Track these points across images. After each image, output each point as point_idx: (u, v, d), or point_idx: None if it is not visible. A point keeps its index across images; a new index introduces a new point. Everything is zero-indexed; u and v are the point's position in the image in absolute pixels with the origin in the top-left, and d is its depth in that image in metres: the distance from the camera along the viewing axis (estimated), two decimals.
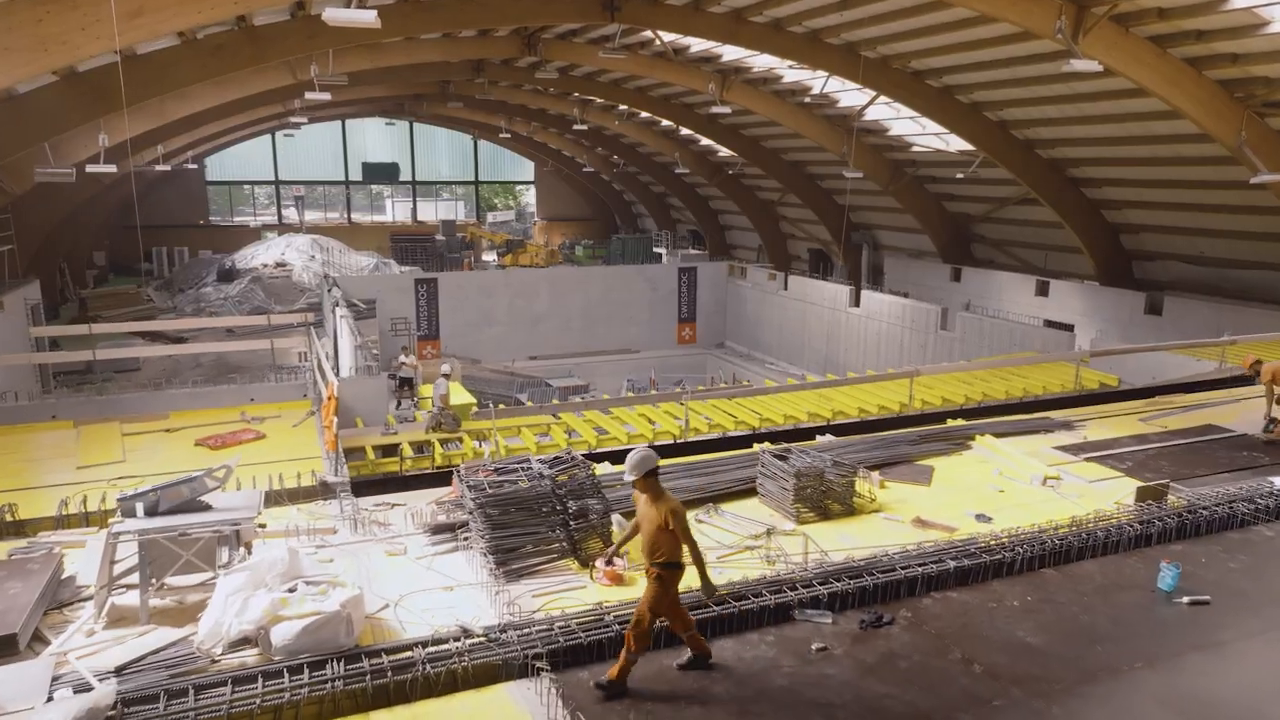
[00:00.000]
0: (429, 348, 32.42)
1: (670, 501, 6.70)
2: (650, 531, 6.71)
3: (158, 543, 7.27)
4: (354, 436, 14.75)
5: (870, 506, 10.02)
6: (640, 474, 6.77)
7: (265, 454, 12.99)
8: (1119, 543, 8.91)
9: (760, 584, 7.80)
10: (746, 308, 37.42)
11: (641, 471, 6.76)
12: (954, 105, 25.22)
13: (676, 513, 6.60)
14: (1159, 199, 24.70)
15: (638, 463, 6.78)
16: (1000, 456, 11.78)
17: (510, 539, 8.38)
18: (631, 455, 6.86)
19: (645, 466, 6.76)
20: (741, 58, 27.36)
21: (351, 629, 6.77)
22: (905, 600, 7.91)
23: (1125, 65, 18.04)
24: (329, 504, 10.10)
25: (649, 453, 6.89)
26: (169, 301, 46.47)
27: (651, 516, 6.72)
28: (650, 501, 6.79)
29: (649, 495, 6.80)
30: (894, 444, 11.96)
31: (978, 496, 10.48)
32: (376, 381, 16.06)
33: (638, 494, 6.92)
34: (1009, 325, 25.65)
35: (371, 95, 40.63)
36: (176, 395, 15.75)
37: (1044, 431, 12.94)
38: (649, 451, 6.94)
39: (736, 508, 10.04)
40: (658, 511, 6.67)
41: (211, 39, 18.30)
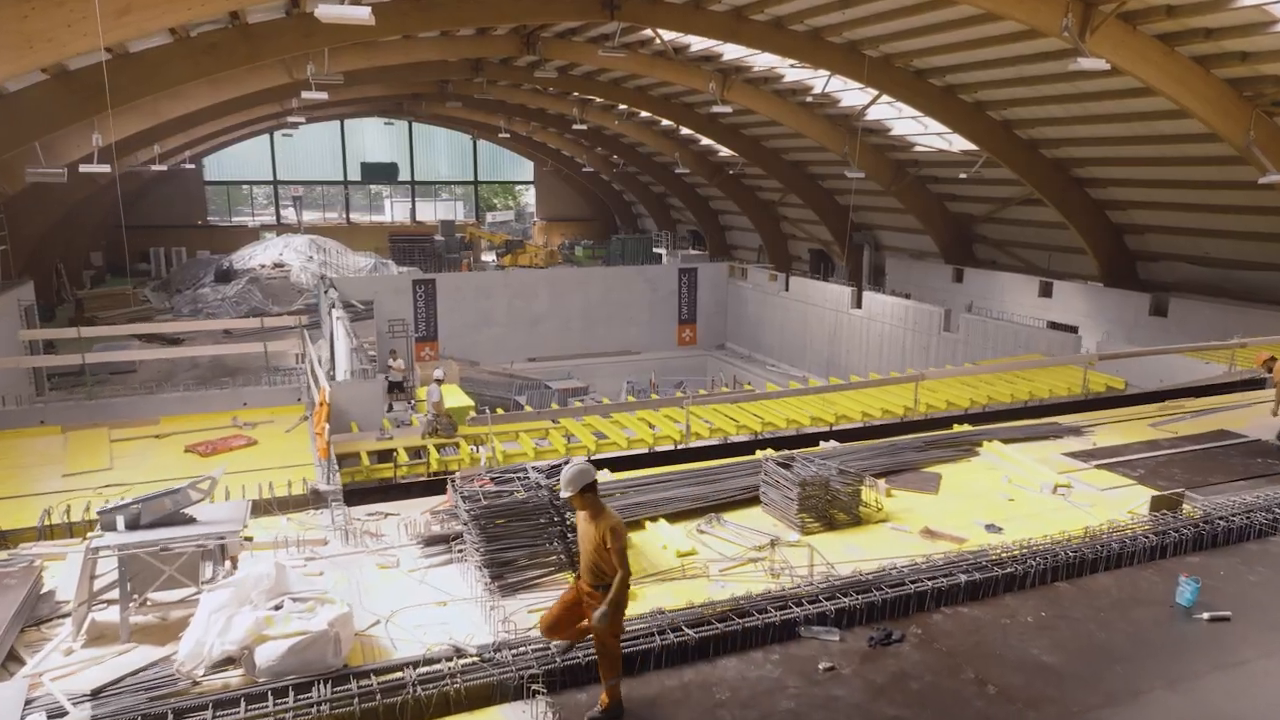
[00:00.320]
0: (427, 349, 32.15)
1: (609, 518, 6.24)
2: (590, 552, 6.26)
3: (139, 558, 6.99)
4: (349, 441, 14.50)
5: (877, 516, 9.75)
6: (576, 490, 6.29)
7: (256, 461, 12.71)
8: (1134, 555, 8.64)
9: (765, 599, 7.52)
10: (747, 309, 37.14)
11: (577, 487, 6.29)
12: (957, 104, 24.96)
13: (615, 531, 6.14)
14: (1164, 199, 24.45)
15: (573, 477, 6.30)
16: (1009, 463, 11.51)
17: (506, 551, 8.11)
18: (566, 469, 6.42)
19: (581, 481, 6.29)
20: (742, 57, 27.10)
21: (339, 649, 6.50)
22: (915, 616, 7.64)
23: (1132, 64, 17.77)
24: (320, 513, 9.83)
25: (585, 466, 6.45)
26: (166, 302, 46.19)
27: (590, 535, 6.27)
28: (589, 519, 6.32)
29: (587, 512, 6.34)
30: (900, 450, 11.69)
31: (987, 505, 10.21)
32: (372, 385, 15.80)
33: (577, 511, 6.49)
34: (1013, 327, 25.38)
35: (369, 95, 40.38)
36: (168, 399, 15.45)
37: (1053, 437, 12.67)
38: (585, 465, 6.49)
39: (739, 517, 9.77)
40: (596, 530, 6.21)
41: (205, 37, 18.02)
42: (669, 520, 9.52)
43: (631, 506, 9.63)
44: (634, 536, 9.20)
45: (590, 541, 6.26)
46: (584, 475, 6.33)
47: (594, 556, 6.22)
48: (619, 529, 6.18)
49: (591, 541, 6.24)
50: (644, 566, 8.56)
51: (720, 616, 7.22)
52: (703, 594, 7.94)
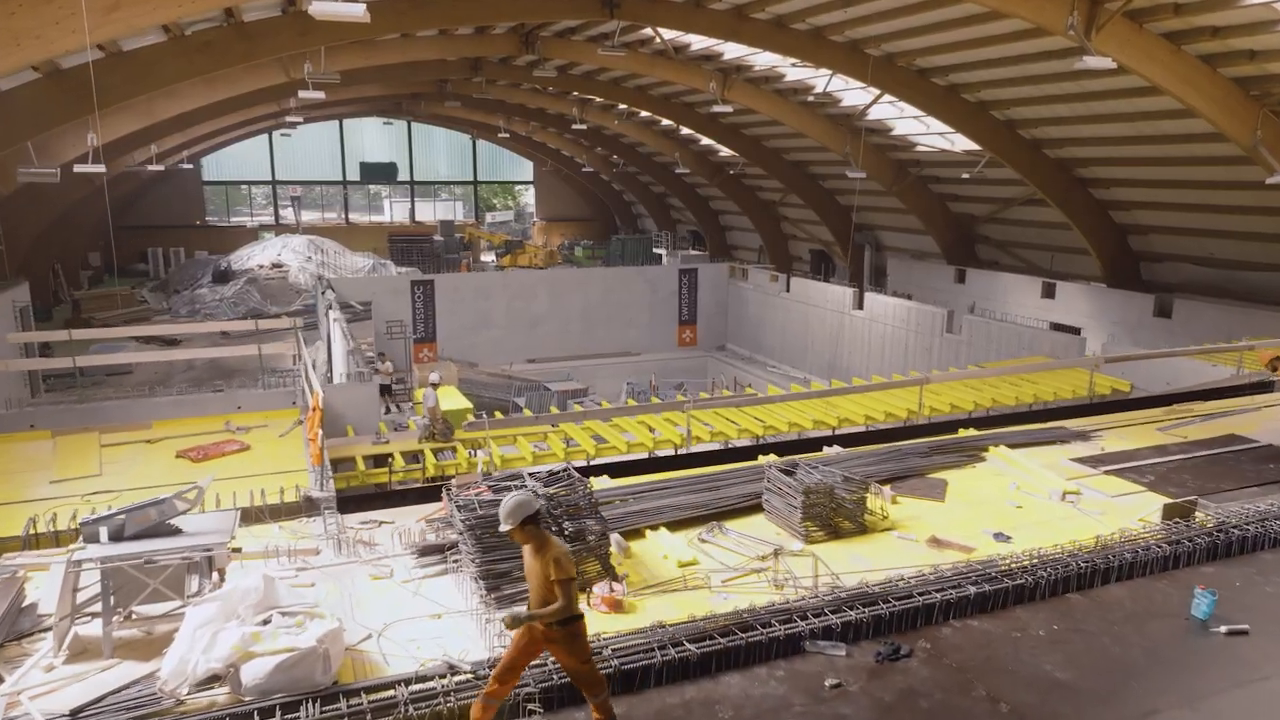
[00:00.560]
0: (425, 350, 31.93)
1: (554, 549, 5.89)
2: (539, 587, 5.90)
3: (122, 571, 6.76)
4: (344, 446, 14.28)
5: (882, 524, 9.53)
6: (515, 523, 5.90)
7: (249, 466, 12.47)
8: (1147, 565, 8.42)
9: (769, 612, 7.30)
10: (748, 310, 36.92)
11: (517, 520, 5.89)
12: (960, 104, 24.76)
13: (559, 562, 5.79)
14: (1169, 199, 24.25)
15: (511, 510, 5.90)
16: (1016, 469, 11.29)
17: (502, 562, 7.88)
18: (505, 501, 6.01)
19: (521, 514, 5.90)
20: (743, 56, 26.91)
21: (329, 665, 6.28)
22: (923, 629, 7.42)
23: (1138, 63, 17.56)
24: (313, 521, 9.60)
25: (525, 498, 6.06)
26: (164, 303, 45.96)
27: (536, 570, 5.90)
28: (533, 553, 5.95)
29: (531, 546, 5.97)
30: (905, 456, 11.47)
31: (995, 513, 9.99)
32: (368, 388, 15.57)
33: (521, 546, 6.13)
34: (1016, 329, 25.16)
35: (368, 94, 40.17)
36: (160, 403, 15.21)
37: (1060, 442, 12.45)
38: (525, 496, 6.11)
39: (742, 525, 9.55)
40: (541, 563, 5.84)
41: (199, 35, 17.79)
42: (669, 529, 9.30)
43: (631, 515, 9.41)
44: (634, 545, 8.99)
45: (536, 576, 5.91)
46: (523, 507, 5.94)
47: (543, 592, 5.86)
48: (562, 559, 5.83)
49: (538, 576, 5.89)
50: (645, 577, 8.34)
51: (723, 630, 7.00)
52: (705, 606, 7.72)
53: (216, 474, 10.71)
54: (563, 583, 5.76)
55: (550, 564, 5.79)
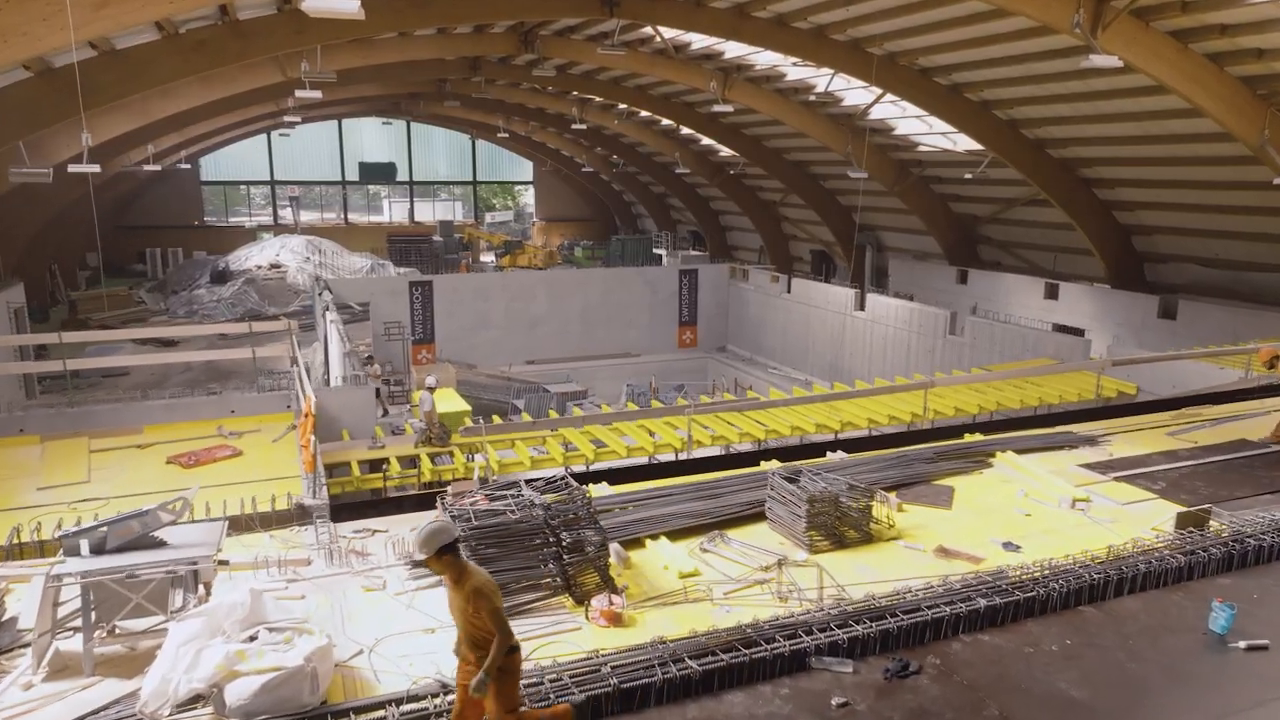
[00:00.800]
0: (424, 352, 31.69)
1: (474, 578, 5.53)
2: (461, 620, 5.58)
3: (104, 585, 6.53)
4: (339, 450, 14.05)
5: (889, 533, 9.30)
6: (430, 552, 5.51)
7: (241, 473, 12.22)
8: (1162, 576, 8.19)
9: (773, 627, 7.06)
10: (749, 311, 36.68)
11: (432, 549, 5.50)
12: (963, 104, 24.55)
13: (480, 592, 5.44)
14: (1173, 200, 24.04)
15: (426, 538, 5.52)
16: (1024, 475, 11.06)
17: (498, 575, 7.63)
18: (421, 529, 5.65)
19: (436, 542, 5.50)
20: (744, 55, 26.69)
21: (317, 685, 6.04)
22: (932, 645, 7.18)
23: (1145, 61, 17.34)
24: (305, 530, 9.36)
25: (440, 525, 5.67)
26: (161, 304, 45.77)
27: (458, 604, 5.58)
28: (452, 584, 5.61)
29: (449, 577, 5.62)
30: (910, 462, 11.23)
31: (1003, 521, 9.75)
32: (364, 392, 15.33)
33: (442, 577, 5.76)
34: (1020, 330, 24.91)
35: (366, 94, 39.95)
36: (153, 407, 14.95)
37: (1068, 447, 12.21)
38: (441, 524, 5.71)
39: (744, 534, 9.32)
40: (462, 594, 5.51)
41: (194, 34, 17.56)
42: (670, 538, 9.07)
43: (631, 523, 9.18)
44: (634, 556, 8.76)
45: (458, 609, 5.58)
46: (438, 535, 5.54)
47: (470, 626, 5.54)
48: (484, 589, 5.48)
49: (460, 609, 5.56)
50: (645, 589, 8.11)
51: (725, 646, 6.77)
52: (707, 619, 7.49)
53: (207, 480, 10.52)
54: (492, 614, 5.44)
55: (471, 595, 5.45)
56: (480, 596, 5.44)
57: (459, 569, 5.62)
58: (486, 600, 5.45)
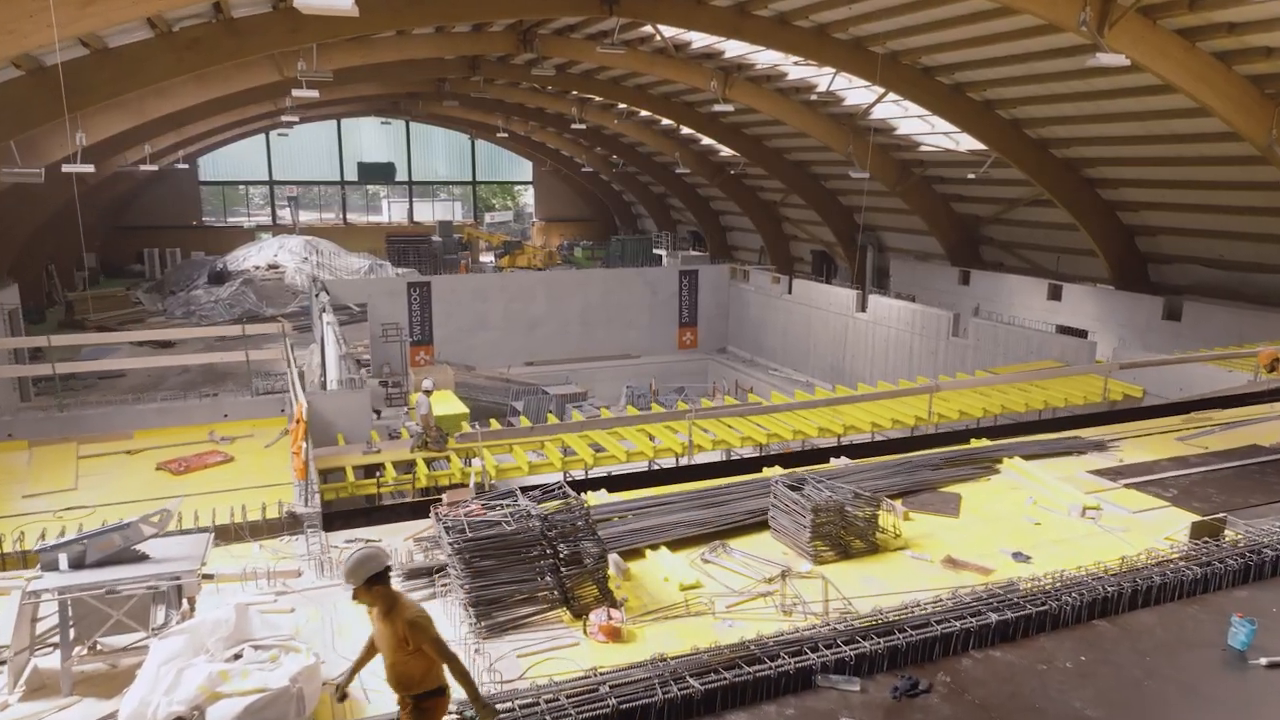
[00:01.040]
0: (422, 353, 31.44)
1: (407, 610, 5.17)
2: (391, 656, 5.26)
3: (83, 601, 6.29)
4: (334, 455, 13.80)
5: (895, 543, 9.05)
6: (359, 581, 5.16)
7: (231, 479, 11.97)
8: (1177, 588, 7.94)
9: (777, 643, 6.82)
10: (749, 312, 36.44)
11: (360, 579, 5.15)
12: (965, 103, 24.32)
13: (416, 625, 5.10)
14: (1179, 200, 23.81)
15: (354, 567, 5.17)
16: (1032, 482, 10.81)
17: (493, 588, 7.42)
18: (349, 557, 5.28)
19: (364, 571, 5.15)
20: (744, 54, 26.47)
21: (303, 707, 5.81)
22: (942, 661, 6.94)
23: (1152, 60, 17.09)
24: (296, 540, 9.12)
25: (369, 552, 5.28)
26: (159, 304, 45.52)
27: (387, 635, 5.22)
28: (382, 616, 5.24)
29: (379, 608, 5.26)
30: (916, 468, 10.99)
31: (1012, 530, 9.51)
32: (360, 395, 15.08)
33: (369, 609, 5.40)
34: (1025, 332, 24.66)
35: (365, 94, 39.75)
36: (144, 411, 14.69)
37: (1076, 453, 11.97)
38: (370, 551, 5.32)
39: (747, 544, 9.08)
40: (393, 628, 5.15)
41: (187, 31, 17.32)
42: (671, 548, 8.83)
43: (631, 533, 8.93)
44: (633, 567, 8.52)
45: (389, 644, 5.22)
46: (367, 564, 5.17)
47: (399, 661, 5.20)
48: (420, 621, 5.13)
49: (390, 645, 5.20)
50: (645, 602, 7.87)
51: (728, 664, 6.52)
52: (708, 634, 7.26)
53: (197, 488, 10.28)
54: (434, 644, 5.13)
55: (405, 629, 5.10)
56: (416, 629, 5.09)
57: (390, 600, 5.26)
58: (424, 632, 5.09)
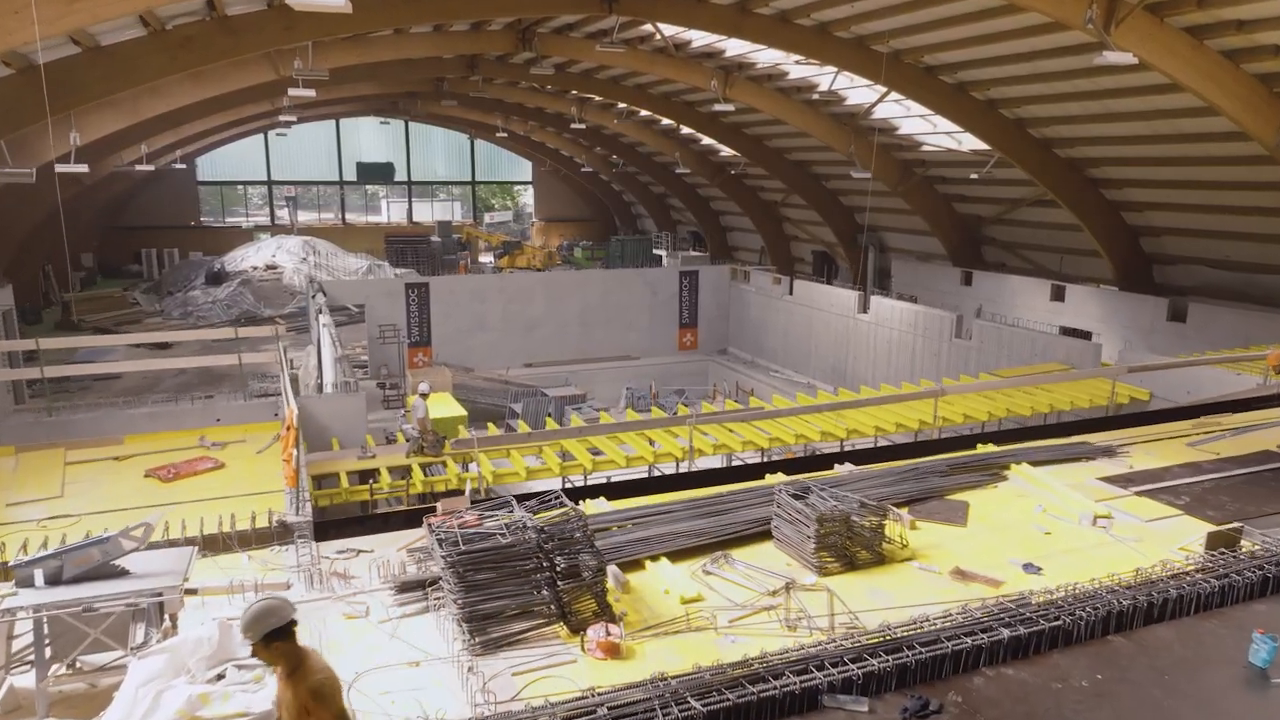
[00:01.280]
0: (420, 354, 31.19)
1: (312, 675, 4.55)
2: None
3: (60, 619, 6.04)
4: (327, 461, 13.55)
5: (902, 553, 8.81)
6: (257, 637, 4.57)
7: (221, 487, 11.71)
8: (1194, 602, 7.70)
9: (782, 662, 6.57)
10: (750, 313, 36.18)
11: (258, 634, 4.56)
12: (969, 103, 24.08)
13: (320, 694, 4.48)
14: (1184, 200, 23.57)
15: (251, 620, 4.57)
16: (1041, 490, 10.57)
17: (488, 602, 7.17)
18: (248, 608, 4.69)
19: (263, 625, 4.56)
20: (745, 53, 26.22)
21: None
22: (953, 679, 6.69)
23: (1159, 58, 16.85)
24: (286, 550, 8.87)
25: (270, 604, 4.69)
26: (156, 305, 45.29)
27: (288, 701, 4.61)
28: (284, 677, 4.66)
29: (281, 668, 4.68)
30: (922, 475, 10.74)
31: (1021, 540, 9.26)
32: (355, 399, 14.82)
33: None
34: (1029, 334, 24.39)
35: (363, 93, 39.50)
36: (135, 416, 14.42)
37: (1085, 459, 11.72)
38: (273, 601, 4.74)
39: (750, 554, 8.83)
40: (294, 694, 4.55)
41: (180, 30, 17.06)
42: (671, 559, 8.59)
43: (630, 543, 8.69)
44: (633, 578, 8.28)
45: (289, 711, 4.61)
46: (266, 618, 4.57)
47: None
48: (324, 688, 4.52)
49: (291, 710, 4.59)
50: (644, 616, 7.63)
51: (731, 683, 6.28)
52: (710, 651, 7.01)
53: (186, 495, 10.04)
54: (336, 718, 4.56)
55: (307, 698, 4.50)
56: (319, 700, 4.48)
57: (294, 660, 4.66)
58: (326, 703, 4.51)
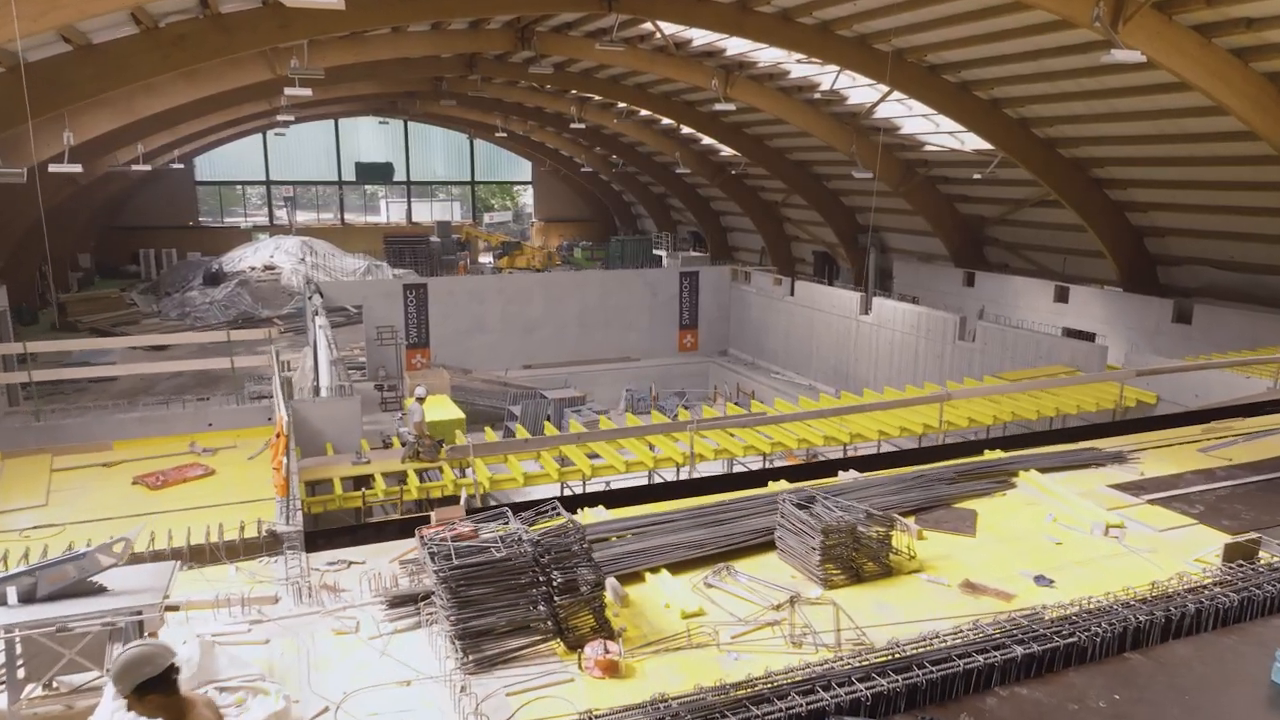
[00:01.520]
0: (419, 356, 30.95)
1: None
2: None
3: (33, 639, 5.79)
4: (321, 467, 13.30)
5: (909, 565, 8.54)
6: (127, 690, 4.02)
7: (211, 494, 11.45)
8: (1213, 617, 7.43)
9: (787, 682, 6.29)
10: (751, 314, 35.94)
11: (129, 686, 4.01)
12: (972, 102, 23.86)
13: None
14: (1189, 201, 23.36)
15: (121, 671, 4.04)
16: (1050, 498, 10.30)
17: (481, 618, 6.91)
18: (119, 656, 4.19)
19: (133, 677, 4.01)
20: (746, 51, 26.01)
21: None
22: (965, 700, 6.42)
23: (1167, 57, 16.62)
24: (275, 561, 8.61)
25: (145, 652, 4.16)
26: (154, 306, 45.08)
27: None
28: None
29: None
30: (929, 483, 10.48)
31: (1032, 551, 9.00)
32: (350, 403, 14.56)
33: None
34: (1034, 336, 24.14)
35: (361, 93, 39.31)
36: (125, 420, 14.14)
37: (1094, 465, 11.45)
38: (147, 650, 4.20)
39: (753, 566, 8.57)
40: None
41: (173, 28, 16.84)
42: (672, 571, 8.32)
43: (629, 555, 8.43)
44: (632, 592, 8.02)
45: None
46: (139, 666, 4.02)
47: None
48: None
49: None
50: (644, 632, 7.37)
51: (733, 705, 6.01)
52: (712, 669, 6.75)
53: (175, 503, 9.76)
54: None
55: None
56: None
57: (175, 712, 4.11)
58: None
